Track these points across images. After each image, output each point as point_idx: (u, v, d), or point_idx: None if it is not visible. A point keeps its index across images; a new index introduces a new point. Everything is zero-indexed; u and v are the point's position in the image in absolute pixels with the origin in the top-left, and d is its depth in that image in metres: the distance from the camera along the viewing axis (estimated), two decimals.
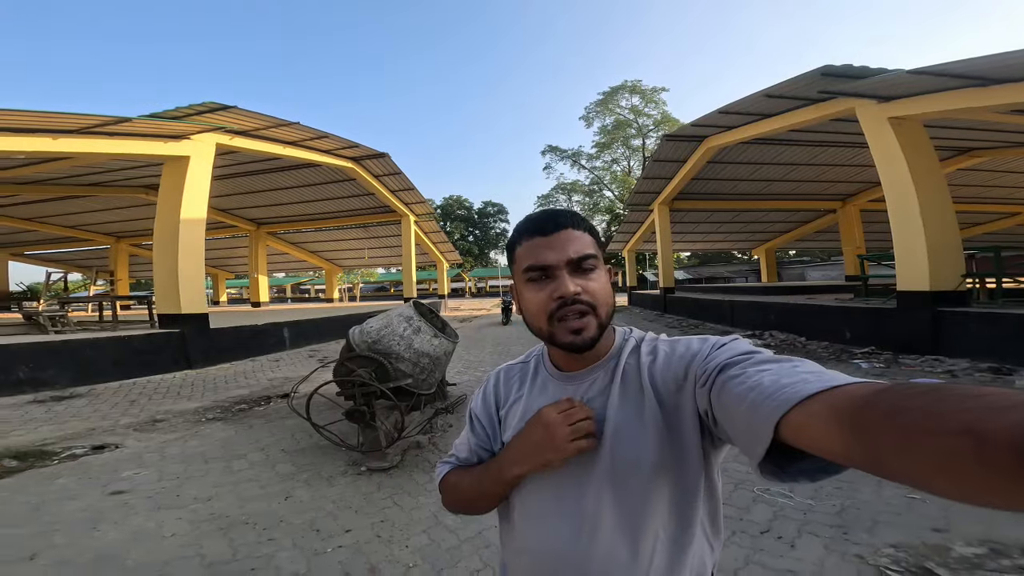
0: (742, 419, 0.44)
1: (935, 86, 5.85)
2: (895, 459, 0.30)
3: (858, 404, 0.33)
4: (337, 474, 2.96)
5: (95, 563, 1.92)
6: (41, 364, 4.98)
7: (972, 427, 0.26)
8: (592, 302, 0.57)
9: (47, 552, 1.97)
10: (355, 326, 3.56)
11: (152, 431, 3.83)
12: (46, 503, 2.44)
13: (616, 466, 0.57)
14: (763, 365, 0.46)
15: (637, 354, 0.61)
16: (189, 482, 2.78)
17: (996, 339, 5.09)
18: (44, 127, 5.65)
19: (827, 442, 0.35)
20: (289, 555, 2.05)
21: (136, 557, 1.97)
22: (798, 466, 0.41)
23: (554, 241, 0.59)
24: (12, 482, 2.72)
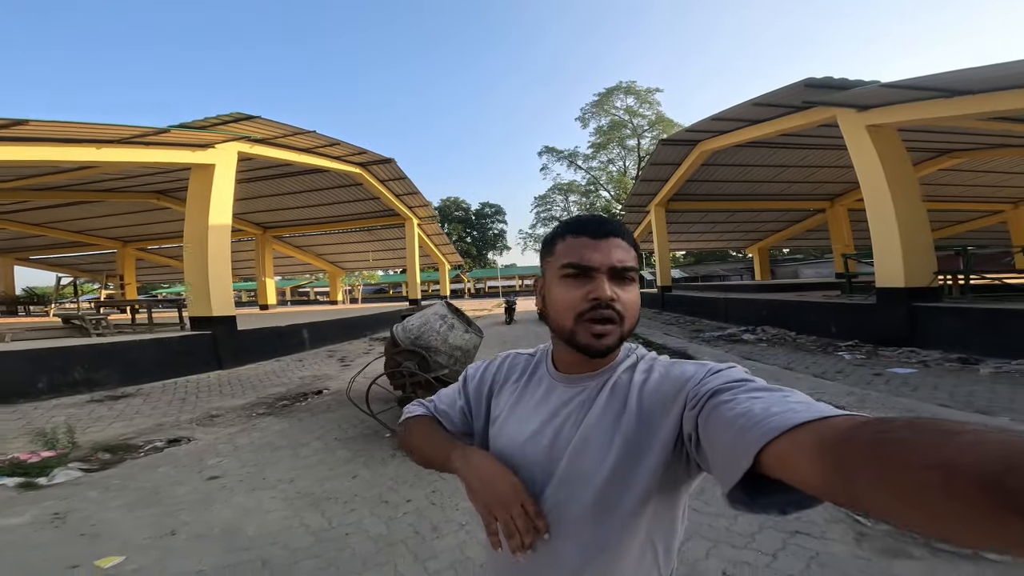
0: (726, 444, 0.44)
1: (907, 97, 6.40)
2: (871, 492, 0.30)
3: (841, 436, 0.33)
4: (387, 457, 3.42)
5: (224, 535, 2.34)
6: (95, 365, 5.38)
7: (944, 461, 0.26)
8: (623, 312, 0.58)
9: (182, 528, 2.39)
10: (397, 324, 4.00)
11: (213, 425, 4.27)
12: (161, 488, 2.86)
13: (568, 476, 0.58)
14: (755, 393, 0.46)
15: (632, 372, 0.62)
16: (268, 467, 3.23)
17: (965, 331, 5.64)
18: (91, 137, 6.02)
19: (807, 473, 0.35)
20: (371, 521, 2.52)
21: (253, 530, 2.40)
22: (770, 498, 0.41)
23: (602, 245, 0.59)
24: (120, 471, 3.14)
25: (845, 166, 12.47)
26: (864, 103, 6.88)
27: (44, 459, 3.07)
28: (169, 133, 6.42)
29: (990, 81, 5.45)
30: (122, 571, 2.02)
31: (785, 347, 7.27)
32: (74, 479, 2.93)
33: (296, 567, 2.08)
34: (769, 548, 2.03)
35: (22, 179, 9.16)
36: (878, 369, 5.30)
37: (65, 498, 2.69)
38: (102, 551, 2.15)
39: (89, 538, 2.27)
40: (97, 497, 2.72)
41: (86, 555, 2.12)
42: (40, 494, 2.75)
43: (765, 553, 2.00)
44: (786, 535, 2.13)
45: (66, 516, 2.48)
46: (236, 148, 7.84)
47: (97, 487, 2.86)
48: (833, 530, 2.15)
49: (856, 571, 1.85)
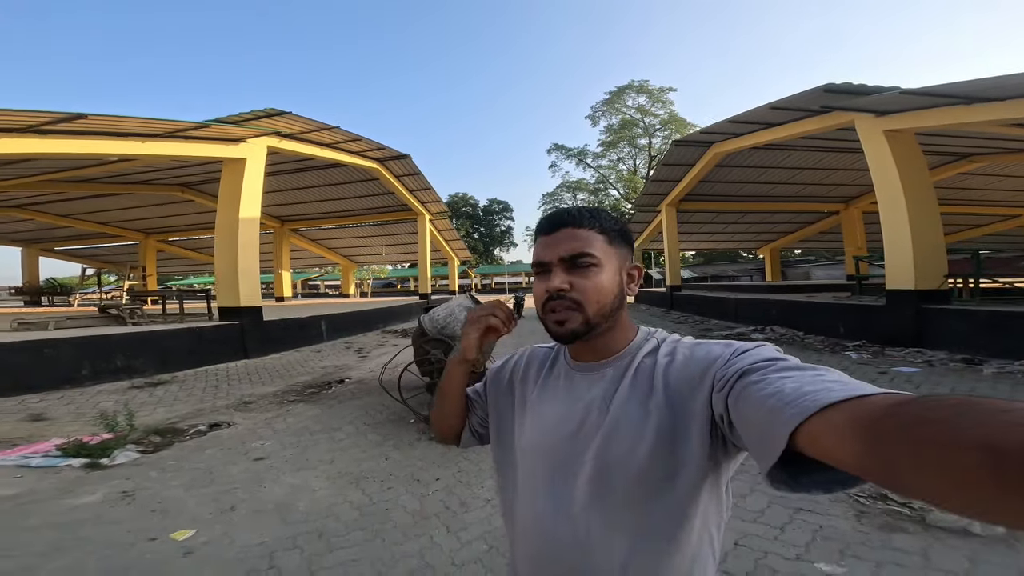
0: (759, 425, 0.43)
1: (926, 103, 6.46)
2: (910, 472, 0.29)
3: (878, 414, 0.33)
4: (414, 440, 3.66)
5: (278, 510, 2.56)
6: (134, 353, 5.69)
7: (990, 442, 0.25)
8: (579, 299, 0.59)
9: (240, 505, 2.62)
10: (424, 315, 4.22)
11: (249, 411, 4.54)
12: (213, 468, 3.11)
13: (603, 462, 0.57)
14: (786, 372, 0.45)
15: (655, 355, 0.61)
16: (308, 450, 3.47)
17: (971, 333, 5.75)
18: (138, 131, 6.32)
19: (842, 452, 0.34)
20: (406, 498, 2.74)
21: (304, 505, 2.63)
22: (812, 477, 0.40)
23: (551, 239, 0.63)
24: (172, 453, 3.40)
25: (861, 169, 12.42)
26: (882, 108, 6.94)
27: (104, 441, 3.33)
28: (209, 127, 6.69)
29: (1007, 89, 5.51)
30: (195, 543, 2.24)
31: (793, 346, 7.39)
32: (133, 460, 3.19)
33: (347, 537, 2.31)
34: (776, 522, 2.22)
35: (64, 171, 9.53)
36: (883, 368, 5.43)
37: (129, 478, 2.95)
38: (174, 525, 2.39)
39: (159, 514, 2.51)
40: (157, 477, 2.98)
41: (161, 529, 2.35)
42: (106, 473, 3.01)
43: (773, 527, 2.19)
44: (792, 511, 2.32)
45: (135, 494, 2.73)
46: (266, 143, 8.12)
47: (155, 467, 3.12)
48: (836, 507, 2.33)
49: (857, 544, 2.03)
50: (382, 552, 2.20)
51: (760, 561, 1.95)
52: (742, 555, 2.00)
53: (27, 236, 17.22)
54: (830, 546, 2.03)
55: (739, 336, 8.67)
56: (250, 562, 2.08)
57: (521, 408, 0.70)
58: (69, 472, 2.99)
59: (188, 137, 6.90)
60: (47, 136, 5.55)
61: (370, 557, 2.16)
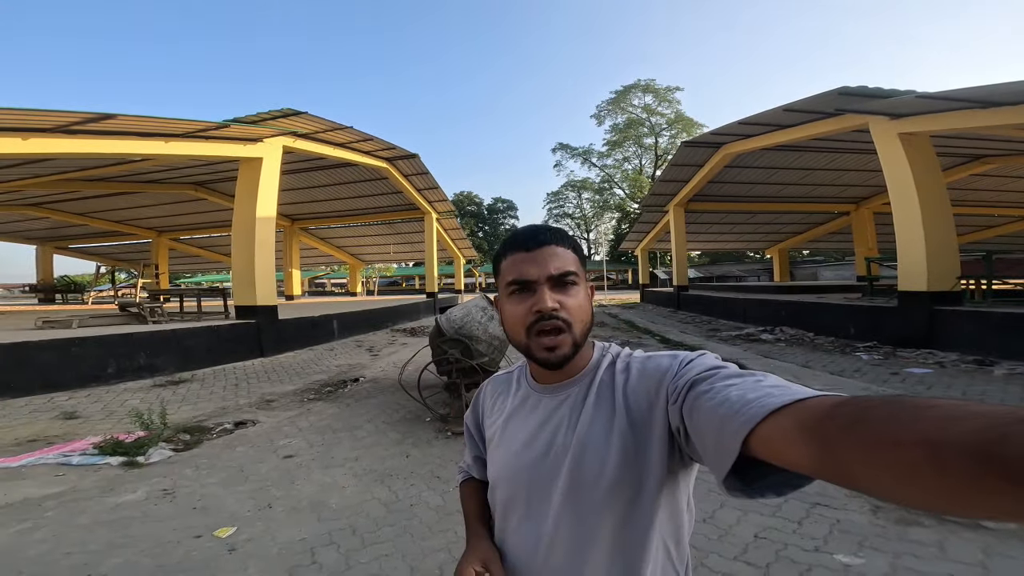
0: (711, 435, 0.45)
1: (941, 107, 6.44)
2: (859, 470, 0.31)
3: (820, 417, 0.35)
4: (431, 438, 3.75)
5: (312, 507, 2.65)
6: (155, 351, 5.82)
7: (928, 437, 0.27)
8: (569, 319, 0.59)
9: (276, 502, 2.71)
10: (441, 315, 4.30)
11: (271, 409, 4.65)
12: (245, 466, 3.21)
13: (574, 483, 0.58)
14: (729, 380, 0.47)
15: (612, 370, 0.63)
16: (333, 448, 3.57)
17: (983, 334, 5.77)
18: (161, 131, 6.43)
19: (794, 455, 0.36)
20: (428, 495, 2.82)
21: (335, 502, 2.72)
22: (764, 481, 0.42)
23: (536, 256, 0.61)
24: (202, 451, 3.50)
25: (873, 170, 12.38)
26: (897, 112, 6.93)
27: (138, 439, 3.44)
28: (229, 127, 6.80)
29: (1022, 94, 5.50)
30: (237, 540, 2.32)
31: (803, 347, 7.41)
32: (167, 458, 3.30)
33: (378, 533, 2.40)
34: (794, 516, 2.29)
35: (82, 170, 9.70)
36: (895, 369, 5.46)
37: (165, 476, 3.05)
38: (216, 523, 2.48)
39: (200, 511, 2.60)
40: (192, 475, 3.08)
41: (204, 527, 2.44)
42: (143, 472, 3.11)
43: (791, 520, 2.25)
44: (809, 505, 2.39)
45: (175, 492, 2.82)
46: (282, 143, 8.21)
47: (190, 465, 3.22)
48: (853, 502, 2.39)
49: (874, 537, 2.09)
50: (412, 547, 2.29)
51: (780, 552, 2.02)
52: (763, 546, 2.07)
53: (42, 234, 17.49)
54: (848, 538, 2.09)
55: (748, 336, 8.69)
56: (292, 558, 2.17)
57: (493, 437, 0.70)
58: (108, 470, 3.09)
59: (208, 137, 7.02)
60: (75, 136, 5.67)
61: (401, 552, 2.25)
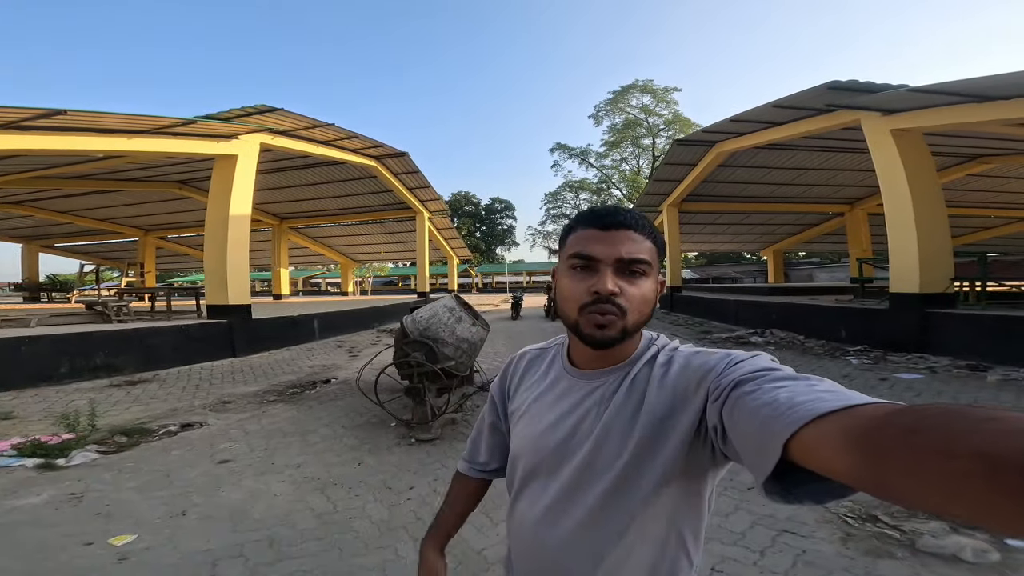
0: (752, 436, 0.43)
1: (935, 102, 6.23)
2: (904, 481, 0.29)
3: (871, 424, 0.33)
4: (392, 445, 3.51)
5: (232, 516, 2.44)
6: (115, 351, 5.58)
7: (984, 450, 0.25)
8: (625, 306, 0.57)
9: (192, 509, 2.50)
10: (407, 315, 4.07)
11: (225, 411, 4.41)
12: (172, 470, 2.99)
13: (589, 467, 0.59)
14: (780, 382, 0.45)
15: (652, 364, 0.61)
16: (277, 453, 3.34)
17: (976, 338, 5.53)
18: (123, 127, 6.23)
19: (836, 463, 0.34)
20: (374, 507, 2.59)
21: (260, 511, 2.50)
22: (805, 488, 0.40)
23: (609, 237, 0.59)
24: (134, 454, 3.27)
25: (867, 170, 12.18)
26: (890, 107, 6.72)
27: (64, 441, 3.21)
28: (196, 124, 6.59)
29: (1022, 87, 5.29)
30: (134, 548, 2.12)
31: (792, 350, 7.19)
32: (91, 461, 3.07)
33: (301, 547, 2.17)
34: (757, 546, 2.06)
35: (55, 167, 9.49)
36: (884, 374, 5.24)
37: (81, 479, 2.83)
38: (116, 530, 2.27)
39: (104, 517, 2.39)
40: (112, 479, 2.85)
41: (100, 533, 2.23)
42: (59, 475, 2.89)
43: (753, 550, 2.03)
44: (775, 533, 2.16)
45: (83, 496, 2.61)
46: (259, 140, 8.01)
47: (112, 469, 2.99)
48: (821, 530, 2.17)
49: (840, 570, 1.87)
50: (337, 564, 2.07)
51: None
52: None
53: (27, 232, 17.26)
54: (812, 572, 1.87)
55: (738, 339, 8.47)
56: (188, 570, 1.95)
57: (518, 412, 0.71)
58: (21, 473, 2.87)
59: (176, 134, 6.81)
60: (27, 132, 5.45)
61: (322, 568, 2.03)
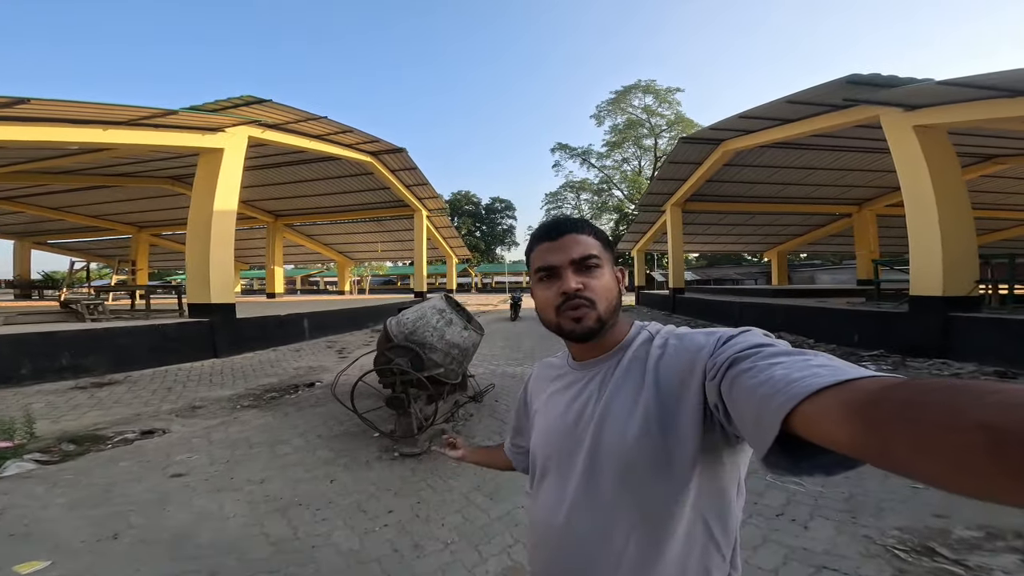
0: (752, 413, 0.43)
1: (963, 96, 5.87)
2: (908, 455, 0.29)
3: (871, 398, 0.33)
4: (372, 459, 3.14)
5: (171, 542, 2.09)
6: (82, 351, 5.23)
7: (987, 423, 0.26)
8: (592, 297, 0.62)
9: (127, 532, 2.15)
10: (392, 317, 3.70)
11: (193, 417, 4.05)
12: (115, 485, 2.63)
13: (596, 450, 0.60)
14: (775, 358, 0.46)
15: (648, 346, 0.64)
16: (239, 466, 2.98)
17: (1004, 344, 5.20)
18: (97, 118, 5.89)
19: (838, 435, 0.35)
20: (343, 533, 2.23)
21: (207, 536, 2.14)
22: (812, 460, 0.40)
23: (559, 245, 0.65)
24: (77, 464, 2.92)
25: (878, 170, 11.91)
26: (912, 102, 6.36)
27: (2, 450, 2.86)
28: (178, 115, 6.25)
29: None
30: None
31: None
32: (26, 472, 2.72)
33: None
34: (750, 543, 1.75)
35: (33, 161, 9.14)
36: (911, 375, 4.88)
37: (6, 493, 2.48)
38: (28, 554, 1.92)
39: (18, 538, 2.05)
40: (42, 493, 2.50)
41: (7, 557, 1.90)
42: None
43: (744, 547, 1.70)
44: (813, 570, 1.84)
45: (3, 512, 2.25)
46: (247, 133, 7.68)
47: (46, 482, 2.64)
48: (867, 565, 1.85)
49: None
50: None
51: None
52: None
53: (19, 229, 16.97)
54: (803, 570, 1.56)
55: None
56: None
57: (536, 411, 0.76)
58: None
59: (156, 125, 6.47)
60: None
61: None
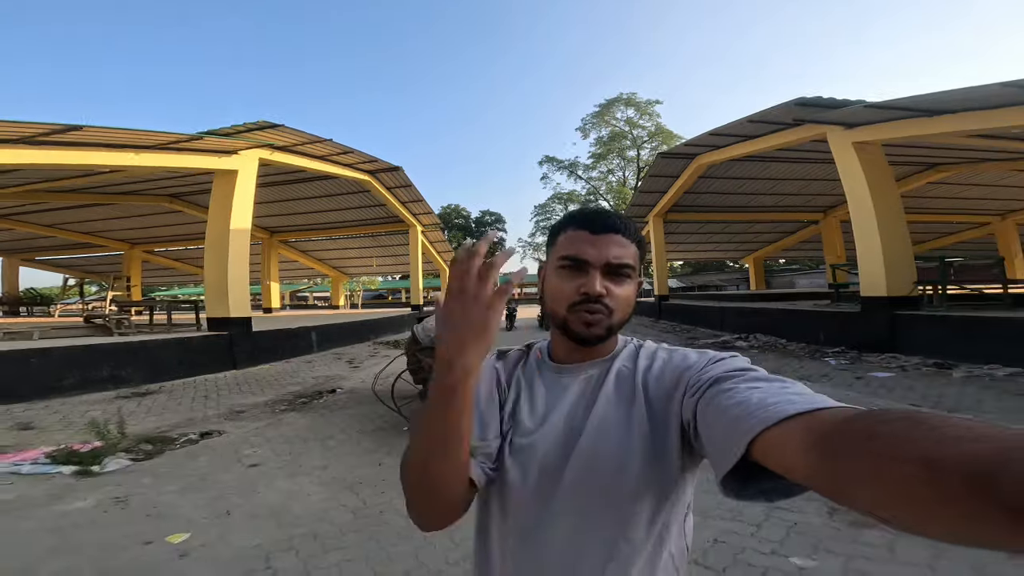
0: (721, 432, 0.44)
1: (890, 116, 6.80)
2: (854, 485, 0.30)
3: (831, 428, 0.34)
4: None
5: (273, 515, 2.60)
6: (121, 363, 5.65)
7: (928, 455, 0.26)
8: (612, 307, 0.60)
9: (235, 509, 2.65)
10: (417, 324, 4.30)
11: (241, 420, 4.54)
12: (208, 475, 3.13)
13: (590, 454, 0.56)
14: (754, 383, 0.47)
15: (635, 359, 0.63)
16: (301, 456, 3.51)
17: (941, 338, 5.99)
18: (132, 143, 6.37)
19: (793, 462, 0.35)
20: (400, 502, 2.74)
21: (298, 509, 2.67)
22: (759, 486, 0.42)
23: (599, 241, 0.60)
24: (163, 460, 3.40)
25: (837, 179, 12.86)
26: (851, 121, 7.28)
27: (94, 449, 3.33)
28: (202, 140, 6.76)
29: (967, 102, 5.86)
30: (191, 546, 2.27)
31: (775, 353, 7.61)
32: (124, 467, 3.20)
33: (343, 539, 2.36)
34: (754, 520, 2.34)
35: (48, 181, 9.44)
36: (860, 373, 5.64)
37: (121, 484, 2.96)
38: (169, 529, 2.41)
39: (154, 518, 2.54)
40: (151, 483, 2.99)
41: (155, 532, 2.38)
42: (97, 480, 3.02)
43: (750, 524, 2.30)
44: (768, 508, 2.43)
45: (128, 499, 2.74)
46: (258, 155, 8.18)
47: (148, 474, 3.13)
48: (810, 505, 2.45)
49: (829, 539, 2.15)
50: (377, 552, 2.26)
51: (738, 556, 2.05)
52: (721, 551, 2.10)
53: (7, 246, 16.85)
54: (804, 541, 2.13)
55: (724, 344, 8.87)
56: (247, 563, 2.12)
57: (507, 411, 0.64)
58: (60, 479, 2.99)
59: (181, 149, 6.96)
60: (41, 147, 5.56)
61: (366, 557, 2.21)
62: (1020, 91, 5.23)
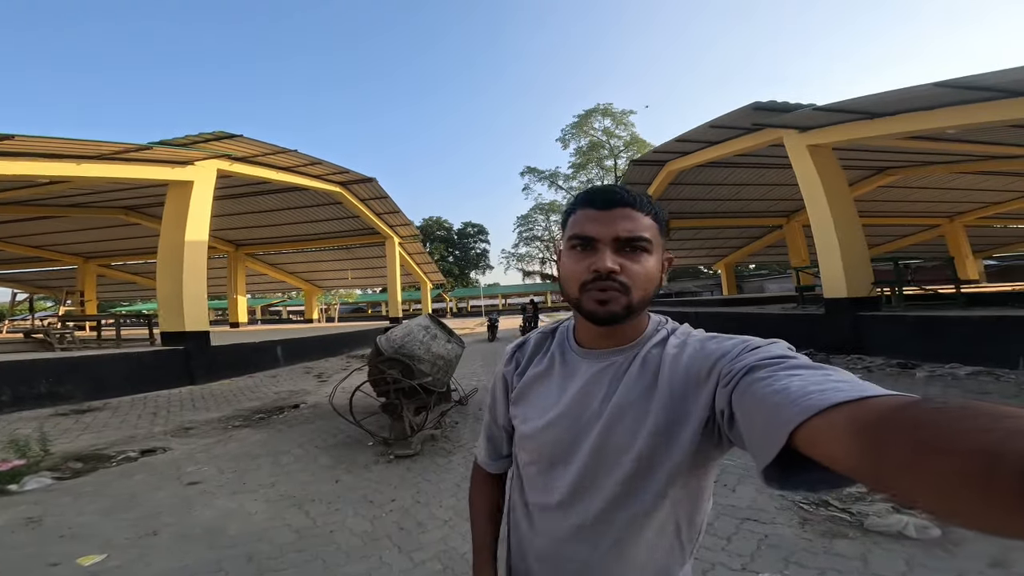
0: (761, 421, 0.43)
1: (835, 119, 6.97)
2: (902, 476, 0.28)
3: (879, 416, 0.32)
4: (370, 463, 3.51)
5: (206, 535, 2.39)
6: (60, 379, 5.24)
7: (987, 448, 0.25)
8: (627, 283, 0.57)
9: (164, 529, 2.44)
10: (380, 335, 4.14)
11: (188, 437, 4.24)
12: (138, 494, 2.88)
13: (602, 449, 0.57)
14: (794, 370, 0.45)
15: (664, 345, 0.60)
16: (248, 474, 3.27)
17: (902, 338, 6.10)
18: (72, 153, 6.01)
19: (838, 452, 0.34)
20: (355, 520, 2.61)
21: (235, 529, 2.47)
22: (802, 476, 0.40)
23: (606, 216, 0.58)
24: (92, 479, 3.12)
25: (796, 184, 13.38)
26: (804, 124, 7.45)
27: (15, 468, 3.03)
28: (151, 150, 6.45)
29: (902, 103, 6.02)
30: (104, 568, 2.06)
31: None
32: (45, 486, 2.92)
33: (282, 560, 2.18)
34: (724, 533, 2.23)
35: None
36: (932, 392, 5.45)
37: (38, 503, 2.70)
38: (82, 551, 2.19)
39: (68, 539, 2.30)
40: (71, 503, 2.73)
41: (66, 554, 2.16)
42: (11, 500, 2.75)
43: (721, 537, 2.19)
44: (739, 521, 2.33)
45: (41, 520, 2.49)
46: (216, 166, 7.88)
47: (70, 493, 2.86)
48: (781, 516, 2.36)
49: (800, 551, 2.06)
50: (322, 573, 2.09)
51: (708, 573, 1.93)
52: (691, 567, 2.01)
53: None
54: (775, 554, 2.04)
55: None
56: None
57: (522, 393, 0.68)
58: None
59: (130, 159, 6.63)
60: None
61: None
62: (953, 91, 5.39)
